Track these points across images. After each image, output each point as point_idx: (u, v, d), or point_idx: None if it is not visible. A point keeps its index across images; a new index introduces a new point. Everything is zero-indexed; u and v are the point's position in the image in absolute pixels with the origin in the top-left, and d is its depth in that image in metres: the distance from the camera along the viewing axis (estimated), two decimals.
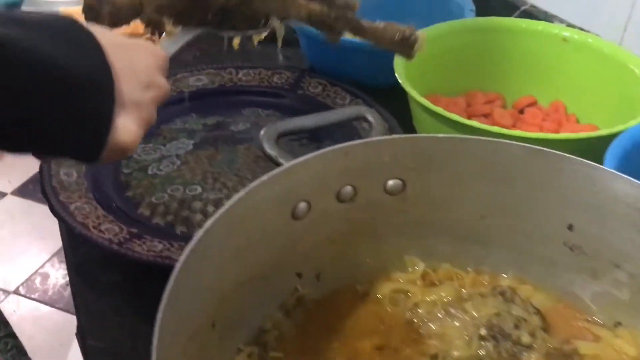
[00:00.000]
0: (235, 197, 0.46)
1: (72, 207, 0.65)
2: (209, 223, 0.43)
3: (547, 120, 0.78)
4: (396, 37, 0.62)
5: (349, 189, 0.53)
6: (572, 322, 0.53)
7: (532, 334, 0.50)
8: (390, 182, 0.54)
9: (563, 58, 0.79)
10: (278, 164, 0.51)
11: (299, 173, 0.49)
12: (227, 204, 0.45)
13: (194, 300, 0.44)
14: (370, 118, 0.53)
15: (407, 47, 0.59)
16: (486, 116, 0.78)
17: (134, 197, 0.71)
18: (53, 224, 0.70)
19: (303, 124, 0.53)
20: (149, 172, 0.74)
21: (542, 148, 0.49)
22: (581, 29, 0.88)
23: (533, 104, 0.81)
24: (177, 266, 0.40)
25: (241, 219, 0.47)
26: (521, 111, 0.81)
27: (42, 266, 1.90)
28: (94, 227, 0.63)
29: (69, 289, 1.88)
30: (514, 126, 0.77)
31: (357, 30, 0.62)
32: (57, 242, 1.93)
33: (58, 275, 1.88)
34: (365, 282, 0.58)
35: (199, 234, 0.42)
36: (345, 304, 0.57)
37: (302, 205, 0.51)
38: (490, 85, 0.83)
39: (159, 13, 0.56)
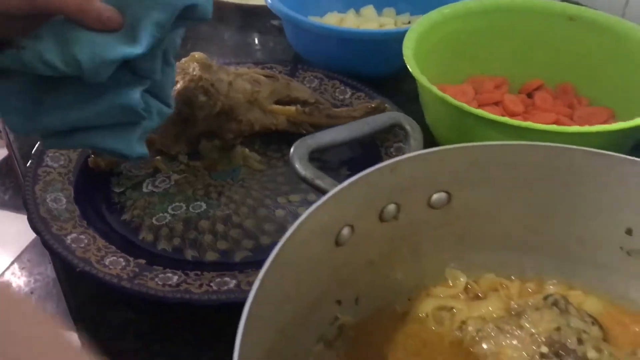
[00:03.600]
0: (286, 235, 0.40)
1: (68, 239, 0.58)
2: (262, 272, 0.38)
3: (557, 103, 0.75)
4: (368, 112, 0.70)
5: (392, 207, 0.49)
6: (633, 329, 0.50)
7: (597, 348, 0.48)
8: (435, 196, 0.50)
9: (569, 38, 0.76)
10: (315, 187, 0.46)
11: (344, 198, 0.44)
12: (278, 245, 0.40)
13: (249, 353, 0.39)
14: (407, 126, 0.49)
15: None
16: (496, 103, 0.75)
17: (132, 221, 0.64)
18: (11, 226, 0.62)
19: (335, 138, 0.47)
20: (144, 189, 0.68)
21: (606, 152, 0.46)
22: (583, 5, 0.85)
23: (541, 87, 0.78)
24: (242, 324, 0.35)
25: (291, 256, 0.42)
26: (529, 95, 0.78)
27: (2, 274, 1.79)
28: (97, 262, 0.56)
29: (33, 297, 1.78)
30: (526, 112, 0.74)
31: (332, 117, 0.71)
32: (17, 247, 1.82)
33: (20, 282, 1.78)
34: (404, 301, 0.54)
35: (256, 284, 0.37)
36: (386, 327, 0.53)
37: (346, 230, 0.47)
38: (495, 70, 0.79)
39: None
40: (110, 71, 0.48)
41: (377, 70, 0.82)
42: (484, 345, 0.50)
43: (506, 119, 0.58)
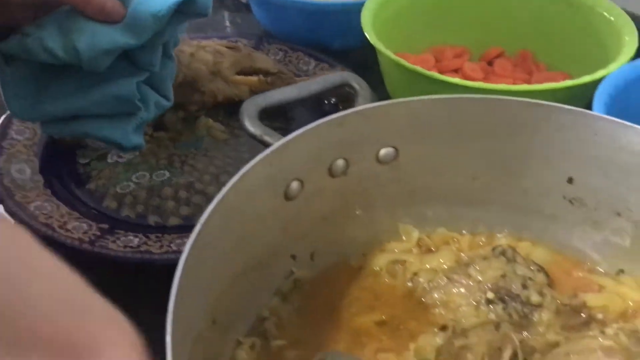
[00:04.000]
0: (228, 184, 0.42)
1: (31, 207, 0.59)
2: (205, 215, 0.39)
3: (516, 70, 0.77)
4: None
5: (341, 162, 0.50)
6: (576, 275, 0.52)
7: (540, 292, 0.49)
8: (383, 151, 0.51)
9: (528, 6, 0.77)
10: (264, 143, 0.47)
11: (291, 150, 0.46)
12: (221, 193, 0.41)
13: (196, 301, 0.40)
14: (355, 85, 0.50)
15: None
16: (456, 71, 0.76)
17: (96, 190, 0.65)
18: None
19: (284, 96, 0.49)
20: (109, 160, 0.69)
21: (543, 102, 0.47)
22: None
23: (501, 54, 0.79)
24: (180, 266, 0.36)
25: (235, 207, 0.43)
26: (490, 63, 0.79)
27: None
28: (60, 227, 0.58)
29: None
30: (485, 79, 0.75)
31: None
32: None
33: None
34: (359, 256, 0.55)
35: (197, 227, 0.38)
36: (342, 281, 0.54)
37: (295, 184, 0.48)
38: (456, 39, 0.80)
39: None
40: (109, 61, 0.50)
41: (342, 42, 0.84)
42: (435, 295, 0.52)
43: (457, 80, 0.60)
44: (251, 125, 0.48)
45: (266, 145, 0.47)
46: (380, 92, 0.72)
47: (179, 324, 0.35)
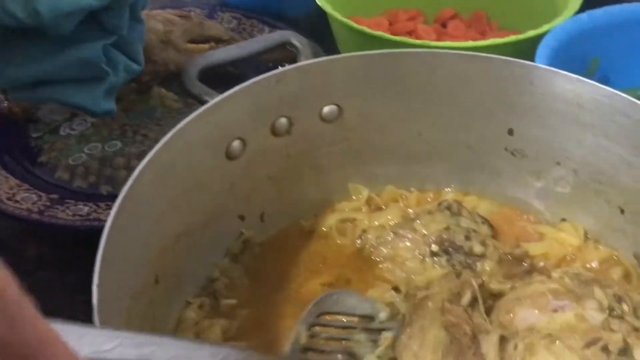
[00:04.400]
0: (161, 141, 0.42)
1: None
2: (135, 173, 0.39)
3: (470, 31, 0.77)
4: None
5: (283, 120, 0.50)
6: (519, 226, 0.53)
7: (483, 243, 0.50)
8: (326, 109, 0.51)
9: None
10: (204, 103, 0.47)
11: (228, 108, 0.46)
12: (153, 150, 0.41)
13: (131, 258, 0.40)
14: (296, 42, 0.50)
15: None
16: (410, 33, 0.76)
17: (48, 162, 0.65)
18: None
19: (226, 56, 0.49)
20: (61, 132, 0.68)
21: (477, 53, 0.47)
22: None
23: (455, 16, 0.79)
24: (108, 224, 0.37)
25: (171, 165, 0.43)
26: (444, 25, 0.79)
27: None
28: (8, 199, 0.57)
29: None
30: (438, 40, 0.75)
31: None
32: None
33: None
34: (310, 217, 0.56)
35: (126, 186, 0.38)
36: (293, 243, 0.55)
37: (236, 143, 0.48)
38: (410, 3, 0.80)
39: None
40: (73, 24, 0.49)
41: (296, 9, 0.83)
42: (382, 250, 0.53)
43: (404, 39, 0.60)
44: (191, 86, 0.48)
45: (205, 104, 0.47)
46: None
47: (111, 279, 0.36)
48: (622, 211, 0.49)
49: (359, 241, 0.54)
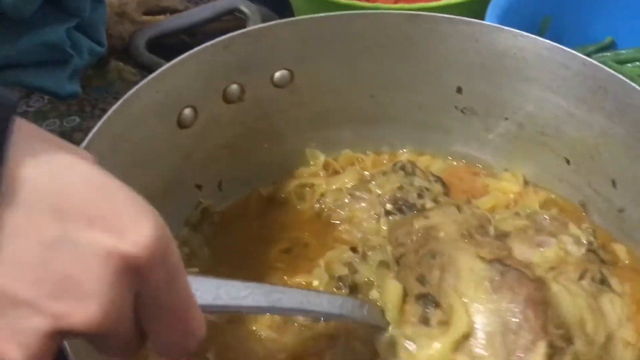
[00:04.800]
0: (109, 112, 0.42)
1: None
2: (85, 141, 0.39)
3: None
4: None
5: (234, 87, 0.50)
6: (469, 181, 0.55)
7: (435, 200, 0.51)
8: (277, 74, 0.51)
9: None
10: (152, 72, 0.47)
11: (177, 76, 0.46)
12: (100, 121, 0.41)
13: None
14: (244, 9, 0.50)
15: None
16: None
17: None
18: None
19: (173, 25, 0.48)
20: (18, 110, 0.67)
21: (423, 13, 0.48)
22: None
23: None
24: None
25: (122, 135, 0.43)
26: None
27: None
28: None
29: None
30: (396, 2, 0.76)
31: None
32: None
33: None
34: (268, 184, 0.56)
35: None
36: (252, 210, 0.55)
37: (188, 111, 0.48)
38: None
39: None
40: (34, 6, 0.48)
41: None
42: (340, 213, 0.54)
43: (354, 2, 0.60)
44: (140, 56, 0.48)
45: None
46: None
47: None
48: (567, 162, 0.50)
49: (317, 205, 0.54)
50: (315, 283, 0.48)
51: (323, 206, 0.54)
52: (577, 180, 0.50)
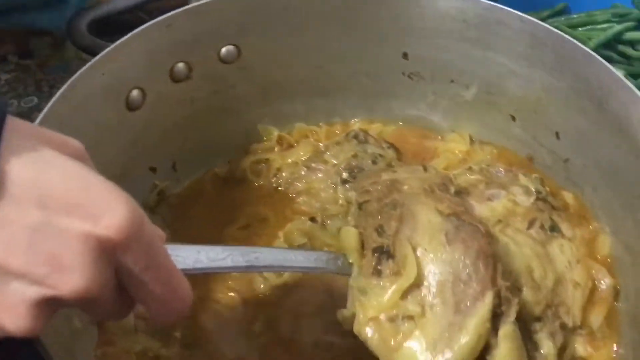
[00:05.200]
0: (54, 97, 0.41)
1: None
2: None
3: None
4: None
5: (181, 65, 0.50)
6: (420, 145, 0.56)
7: (389, 165, 0.52)
8: (224, 50, 0.51)
9: None
10: (96, 55, 0.46)
11: (121, 57, 0.45)
12: (47, 107, 0.40)
13: None
14: None
15: None
16: None
17: None
18: None
19: (115, 6, 0.47)
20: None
21: None
22: None
23: None
24: None
25: (69, 120, 0.42)
26: None
27: None
28: None
29: None
30: None
31: None
32: None
33: None
34: (223, 163, 0.56)
35: None
36: (208, 190, 0.55)
37: (135, 92, 0.48)
38: None
39: None
40: None
41: None
42: (297, 185, 0.54)
43: None
44: (81, 39, 0.47)
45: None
46: None
47: None
48: (513, 118, 0.52)
49: (274, 180, 0.55)
50: None
51: (280, 181, 0.55)
52: (523, 135, 0.52)
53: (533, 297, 0.41)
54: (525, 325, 0.39)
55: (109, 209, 0.28)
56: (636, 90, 0.42)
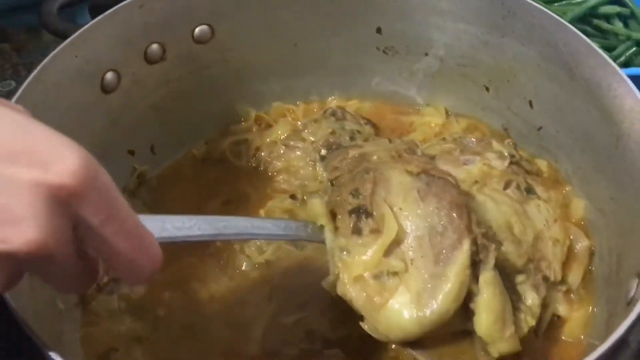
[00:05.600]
0: (29, 78, 0.41)
1: None
2: None
3: None
4: None
5: (155, 47, 0.49)
6: (396, 120, 0.56)
7: (366, 140, 0.53)
8: (197, 30, 0.51)
9: None
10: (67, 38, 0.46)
11: (94, 39, 0.45)
12: (19, 91, 0.40)
13: None
14: None
15: None
16: None
17: None
18: None
19: None
20: None
21: None
22: None
23: None
24: None
25: (44, 104, 0.42)
26: None
27: None
28: None
29: None
30: None
31: None
32: None
33: None
34: (201, 144, 0.56)
35: None
36: (188, 172, 0.55)
37: (110, 75, 0.47)
38: None
39: None
40: None
41: None
42: (277, 164, 0.54)
43: None
44: (53, 23, 0.47)
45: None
46: None
47: None
48: (487, 89, 0.52)
49: (253, 159, 0.55)
50: None
51: (259, 160, 0.55)
52: (498, 106, 0.52)
53: (515, 250, 0.41)
54: (509, 277, 0.40)
55: (59, 156, 0.26)
56: (605, 55, 0.43)
